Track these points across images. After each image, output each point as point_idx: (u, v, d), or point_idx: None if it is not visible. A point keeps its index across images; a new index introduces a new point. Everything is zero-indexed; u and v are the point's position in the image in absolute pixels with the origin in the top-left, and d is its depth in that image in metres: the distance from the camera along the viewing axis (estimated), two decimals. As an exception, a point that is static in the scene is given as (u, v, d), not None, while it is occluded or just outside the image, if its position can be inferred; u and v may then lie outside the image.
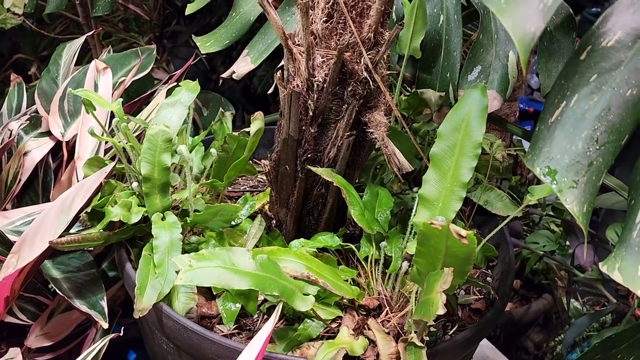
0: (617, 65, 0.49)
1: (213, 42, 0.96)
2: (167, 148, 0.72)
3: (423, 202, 0.65)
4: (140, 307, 0.65)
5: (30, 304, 0.81)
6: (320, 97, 0.70)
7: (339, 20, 0.67)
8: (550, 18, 0.94)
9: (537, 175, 0.49)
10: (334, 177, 0.72)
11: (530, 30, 0.45)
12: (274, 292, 0.60)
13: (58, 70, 1.04)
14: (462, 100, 0.63)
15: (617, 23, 0.50)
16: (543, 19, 0.44)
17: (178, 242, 0.70)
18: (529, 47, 0.45)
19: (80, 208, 0.71)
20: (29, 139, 0.93)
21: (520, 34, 0.44)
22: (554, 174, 0.48)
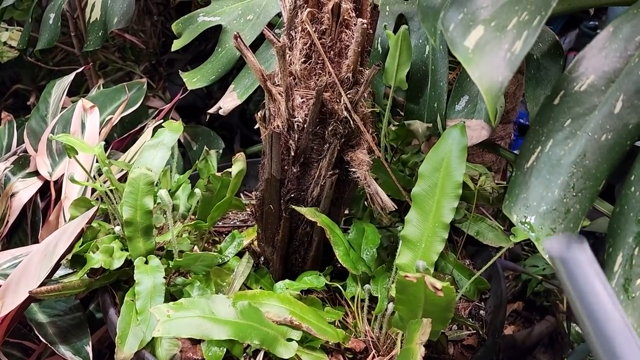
0: (591, 110, 0.48)
1: (199, 78, 0.96)
2: (149, 191, 0.71)
3: (406, 243, 0.64)
4: (122, 357, 0.64)
5: (16, 349, 0.80)
6: (301, 137, 0.69)
7: (317, 60, 0.67)
8: (537, 45, 0.94)
9: (514, 223, 0.48)
10: (317, 216, 0.71)
11: (498, 80, 0.44)
12: (255, 341, 0.59)
13: (47, 108, 1.05)
14: (442, 139, 0.62)
15: (589, 67, 0.49)
16: (510, 68, 0.44)
17: (161, 287, 0.69)
18: (497, 97, 0.44)
19: (62, 254, 0.70)
20: (17, 180, 0.93)
21: (487, 85, 0.44)
22: (532, 222, 0.47)
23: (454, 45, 0.47)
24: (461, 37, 0.47)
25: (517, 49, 0.44)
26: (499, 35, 0.46)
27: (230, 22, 0.96)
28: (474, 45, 0.46)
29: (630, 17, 0.50)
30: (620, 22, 0.50)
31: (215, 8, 0.98)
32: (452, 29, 0.48)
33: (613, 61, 0.49)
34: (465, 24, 0.48)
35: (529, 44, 0.44)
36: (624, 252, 0.45)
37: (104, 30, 1.19)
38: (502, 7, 0.48)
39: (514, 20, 0.46)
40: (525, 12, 0.46)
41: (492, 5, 0.48)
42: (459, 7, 0.50)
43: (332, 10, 0.64)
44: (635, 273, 0.44)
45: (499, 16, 0.47)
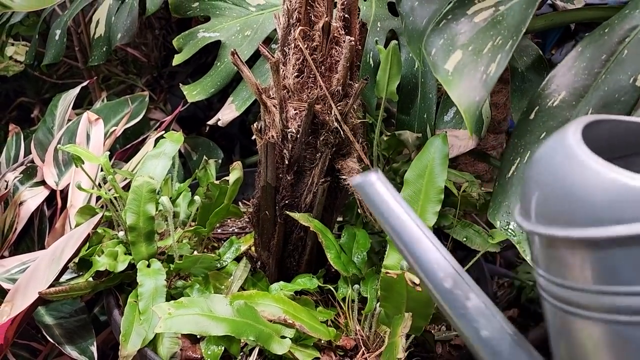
0: (563, 123, 0.52)
1: (199, 91, 1.00)
2: (152, 198, 0.76)
3: (393, 247, 0.68)
4: (125, 354, 0.68)
5: (25, 350, 0.84)
6: (294, 147, 0.73)
7: (309, 75, 0.71)
8: (522, 59, 0.98)
9: (498, 229, 0.52)
10: (310, 221, 0.75)
11: (475, 100, 0.48)
12: (250, 337, 0.63)
13: (54, 120, 1.09)
14: (426, 148, 0.67)
15: (560, 84, 0.54)
16: (486, 88, 0.48)
17: (162, 289, 0.73)
18: (475, 115, 0.48)
19: (69, 258, 0.74)
20: (25, 189, 0.97)
21: (466, 104, 0.48)
22: (513, 228, 0.51)
23: (436, 68, 0.52)
24: (442, 61, 0.52)
25: (492, 70, 0.49)
26: (475, 59, 0.50)
27: (229, 38, 1.01)
28: (453, 69, 0.51)
29: (596, 38, 0.55)
30: (587, 43, 0.55)
31: (215, 24, 1.03)
32: (434, 53, 0.53)
33: (582, 78, 0.53)
34: (445, 48, 0.53)
35: (503, 66, 0.48)
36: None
37: (108, 46, 1.24)
38: (478, 32, 0.52)
39: (489, 44, 0.51)
40: (499, 36, 0.51)
41: (470, 31, 0.53)
42: (440, 33, 0.54)
43: (322, 29, 0.69)
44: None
45: (476, 41, 0.52)
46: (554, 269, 0.31)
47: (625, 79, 0.51)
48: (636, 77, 0.51)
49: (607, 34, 0.54)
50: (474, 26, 0.53)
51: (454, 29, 0.54)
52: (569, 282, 0.30)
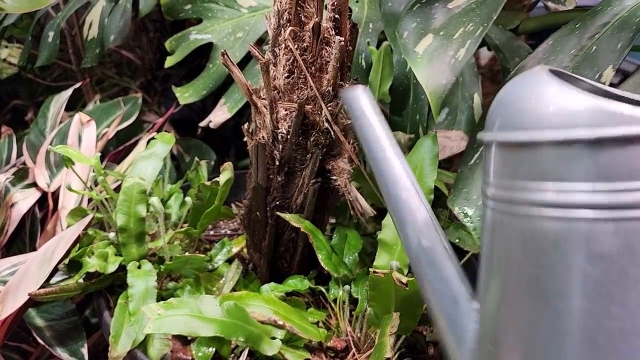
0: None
1: (191, 93, 1.00)
2: (142, 199, 0.76)
3: (383, 246, 0.68)
4: (115, 355, 0.68)
5: (15, 352, 0.84)
6: (285, 148, 0.73)
7: (300, 75, 0.71)
8: (513, 60, 0.98)
9: (455, 214, 0.52)
10: (301, 222, 0.75)
11: (442, 83, 0.49)
12: (240, 338, 0.63)
13: (46, 122, 1.09)
14: (416, 148, 0.67)
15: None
16: (453, 72, 0.48)
17: (153, 290, 0.73)
18: (441, 98, 0.48)
19: (59, 259, 0.74)
20: (16, 191, 0.97)
21: (433, 87, 0.48)
22: (469, 214, 0.51)
23: (406, 51, 0.52)
24: (412, 44, 0.52)
25: (461, 55, 0.49)
26: (445, 44, 0.51)
27: (221, 40, 1.01)
28: (423, 52, 0.51)
29: (567, 32, 0.55)
30: (558, 36, 0.55)
31: (207, 26, 1.03)
32: (405, 36, 0.53)
33: (551, 70, 0.53)
34: (417, 32, 0.53)
35: (471, 52, 0.49)
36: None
37: (101, 48, 1.23)
38: (451, 18, 0.53)
39: (460, 30, 0.51)
40: (471, 23, 0.51)
41: (443, 17, 0.53)
42: (414, 16, 0.55)
43: (312, 29, 0.69)
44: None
45: (448, 27, 0.52)
46: (504, 171, 0.36)
47: (592, 74, 0.51)
48: (602, 73, 0.51)
49: (579, 28, 0.54)
50: (448, 12, 0.53)
51: (427, 13, 0.54)
52: (513, 181, 0.35)
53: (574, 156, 0.32)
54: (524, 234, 0.34)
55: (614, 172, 0.31)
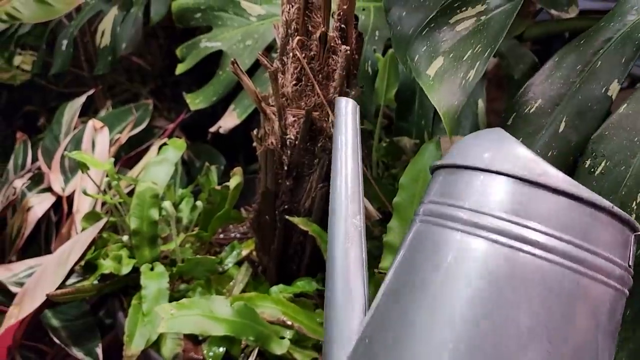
0: (539, 130, 0.55)
1: (202, 99, 1.03)
2: (155, 203, 0.78)
3: (388, 249, 0.70)
4: (129, 354, 0.70)
5: (32, 352, 0.86)
6: (293, 153, 0.75)
7: (307, 83, 0.73)
8: (518, 67, 1.00)
9: None
10: (309, 226, 0.77)
11: (454, 104, 0.50)
12: (250, 337, 0.65)
13: (60, 128, 1.12)
14: (420, 153, 0.69)
15: (537, 92, 0.56)
16: (465, 93, 0.50)
17: (165, 291, 0.75)
18: (454, 119, 0.50)
19: (75, 262, 0.76)
20: (32, 195, 1.00)
21: (446, 108, 0.50)
22: None
23: (418, 74, 0.54)
24: (424, 67, 0.54)
25: (471, 77, 0.51)
26: (456, 65, 0.52)
27: (231, 47, 1.04)
28: (434, 74, 0.53)
29: (573, 48, 0.57)
30: (564, 53, 0.57)
31: (217, 34, 1.05)
32: (417, 59, 0.55)
33: (558, 87, 0.55)
34: (428, 55, 0.55)
35: (481, 72, 0.51)
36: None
37: (113, 55, 1.27)
38: (459, 40, 0.55)
39: (469, 52, 0.53)
40: (479, 44, 0.53)
41: (451, 39, 0.55)
42: (423, 40, 0.57)
43: (319, 38, 0.71)
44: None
45: (457, 48, 0.54)
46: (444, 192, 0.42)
47: (599, 88, 0.53)
48: (608, 87, 0.53)
49: (583, 45, 0.56)
50: (456, 34, 0.55)
51: (436, 37, 0.56)
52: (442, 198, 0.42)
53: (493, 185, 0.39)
54: (438, 241, 0.39)
55: (520, 208, 0.37)
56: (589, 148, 0.52)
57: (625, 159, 0.49)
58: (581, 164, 0.52)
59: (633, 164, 0.49)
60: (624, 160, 0.49)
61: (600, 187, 0.50)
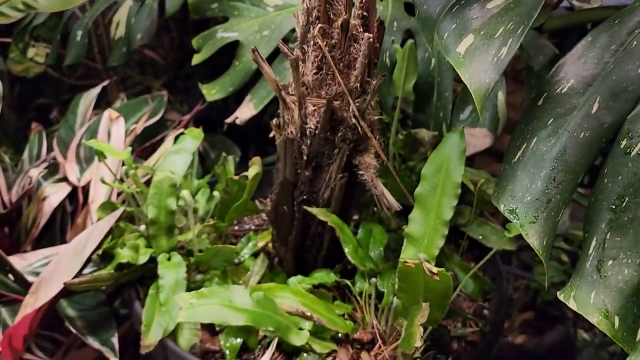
0: (571, 110, 0.53)
1: (218, 90, 1.02)
2: (172, 193, 0.77)
3: (409, 240, 0.69)
4: (147, 343, 0.70)
5: (47, 341, 0.86)
6: (313, 143, 0.74)
7: (328, 72, 0.72)
8: (537, 58, 0.99)
9: (502, 212, 0.53)
10: (328, 216, 0.76)
11: (485, 82, 0.49)
12: (270, 328, 0.64)
13: (75, 119, 1.11)
14: (443, 143, 0.68)
15: (569, 72, 0.55)
16: (497, 71, 0.49)
17: (183, 281, 0.75)
18: (485, 97, 0.49)
19: (92, 251, 0.76)
20: (48, 185, 0.99)
21: (477, 85, 0.49)
22: (517, 210, 0.52)
23: (448, 51, 0.53)
24: (454, 44, 0.53)
25: (504, 54, 0.50)
26: (487, 42, 0.51)
27: (247, 38, 1.03)
28: (465, 51, 0.52)
29: (607, 27, 0.56)
30: (598, 33, 0.56)
31: (233, 24, 1.04)
32: (446, 37, 0.54)
33: (591, 67, 0.54)
34: (457, 32, 0.54)
35: (514, 49, 0.49)
36: (598, 237, 0.49)
37: (128, 47, 1.26)
38: (490, 18, 0.53)
39: (500, 29, 0.52)
40: (511, 22, 0.52)
41: (482, 17, 0.54)
42: (453, 17, 0.55)
43: (341, 26, 0.70)
44: (607, 255, 0.49)
45: (488, 26, 0.53)
46: None
47: (634, 69, 0.52)
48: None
49: (618, 24, 0.55)
50: (487, 12, 0.54)
51: (466, 14, 0.55)
52: None
53: None
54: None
55: None
56: (625, 128, 0.50)
57: (664, 137, 0.48)
58: (616, 145, 0.51)
59: (672, 143, 0.47)
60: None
61: (637, 168, 0.49)
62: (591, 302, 0.48)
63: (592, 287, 0.49)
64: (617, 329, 0.48)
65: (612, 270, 0.48)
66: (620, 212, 0.49)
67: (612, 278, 0.48)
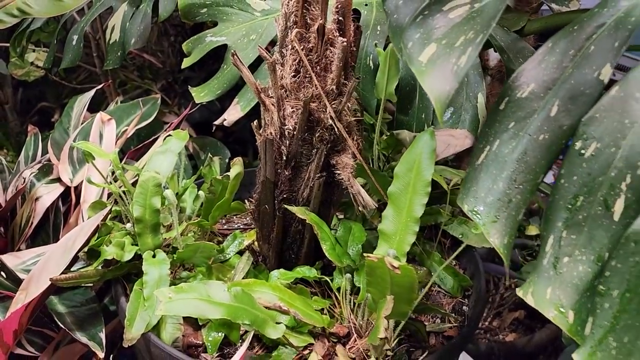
0: (531, 114, 0.55)
1: (207, 92, 1.05)
2: (157, 192, 0.80)
3: (382, 237, 0.71)
4: (130, 337, 0.72)
5: (38, 336, 0.89)
6: (291, 143, 0.77)
7: (305, 75, 0.75)
8: (518, 61, 1.01)
9: (465, 212, 0.55)
10: (307, 214, 0.78)
11: (445, 90, 0.52)
12: (246, 321, 0.67)
13: (69, 121, 1.14)
14: (414, 143, 0.70)
15: (530, 77, 0.57)
16: (456, 78, 0.51)
17: (166, 277, 0.77)
18: (445, 103, 0.51)
19: (79, 248, 0.79)
20: (41, 185, 1.02)
21: (437, 93, 0.52)
22: (479, 211, 0.54)
23: (411, 60, 0.55)
24: (417, 53, 0.55)
25: (463, 62, 0.52)
26: (448, 52, 0.54)
27: (235, 42, 1.05)
28: (427, 60, 0.54)
29: (567, 33, 0.58)
30: (558, 38, 0.58)
31: (222, 29, 1.07)
32: (410, 46, 0.56)
33: (551, 72, 0.56)
34: (421, 42, 0.56)
35: (473, 58, 0.52)
36: (555, 235, 0.51)
37: (123, 50, 1.29)
38: (452, 27, 0.56)
39: (461, 38, 0.54)
40: (471, 31, 0.54)
41: (445, 26, 0.56)
42: (418, 27, 0.58)
43: (317, 31, 0.73)
44: (562, 252, 0.51)
45: (450, 35, 0.55)
46: None
47: (591, 72, 0.54)
48: (600, 71, 0.53)
49: (577, 30, 0.57)
50: (449, 21, 0.56)
51: (430, 24, 0.57)
52: None
53: None
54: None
55: None
56: (580, 130, 0.52)
57: (615, 140, 0.50)
58: (572, 146, 0.53)
59: (622, 145, 0.49)
60: (614, 142, 0.50)
61: (590, 168, 0.51)
62: (547, 297, 0.50)
63: (548, 283, 0.51)
64: (571, 323, 0.50)
65: (567, 266, 0.50)
66: (575, 210, 0.51)
67: (567, 274, 0.50)
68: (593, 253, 0.49)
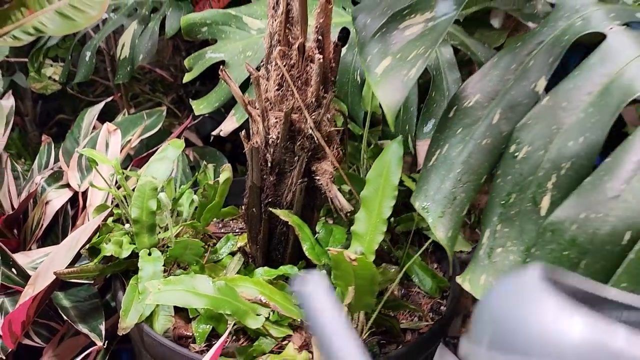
0: (476, 121, 0.62)
1: (205, 105, 1.12)
2: (154, 195, 0.87)
3: (355, 237, 0.77)
4: (124, 326, 0.79)
5: (44, 329, 0.96)
6: (275, 151, 0.84)
7: (288, 88, 0.82)
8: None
9: (417, 209, 0.62)
10: (290, 217, 0.85)
11: (396, 99, 0.58)
12: (227, 312, 0.73)
13: (80, 132, 1.23)
14: (384, 151, 0.76)
15: (476, 88, 0.63)
16: (406, 88, 0.58)
17: (160, 273, 0.84)
18: (395, 111, 0.58)
19: (82, 246, 0.86)
20: (51, 190, 1.10)
21: (388, 101, 0.58)
22: (428, 207, 0.61)
23: (369, 72, 0.62)
24: (374, 66, 0.62)
25: (412, 74, 0.59)
26: (401, 64, 0.60)
27: (232, 58, 1.13)
28: (382, 72, 0.61)
29: (511, 50, 0.64)
30: (503, 54, 0.64)
31: (220, 46, 1.15)
32: (369, 59, 0.63)
33: (494, 84, 0.63)
34: (379, 55, 0.63)
35: (421, 69, 0.58)
36: (490, 228, 0.57)
37: (132, 65, 1.38)
38: (407, 43, 0.63)
39: (413, 52, 0.61)
40: (422, 46, 0.61)
41: (400, 42, 0.63)
42: (377, 42, 0.65)
43: (298, 48, 0.80)
44: (496, 244, 0.57)
45: (404, 50, 0.62)
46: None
47: (528, 85, 0.60)
48: (536, 83, 0.60)
49: (520, 47, 0.63)
50: (405, 38, 0.63)
51: (388, 39, 0.64)
52: None
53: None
54: None
55: None
56: (514, 135, 0.59)
57: (544, 144, 0.56)
58: (507, 150, 0.59)
59: (550, 149, 0.55)
60: (543, 146, 0.56)
61: (522, 169, 0.57)
62: (481, 283, 0.56)
63: (482, 270, 0.57)
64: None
65: (500, 256, 0.56)
66: (509, 207, 0.57)
67: (500, 263, 0.56)
68: (522, 244, 0.55)
